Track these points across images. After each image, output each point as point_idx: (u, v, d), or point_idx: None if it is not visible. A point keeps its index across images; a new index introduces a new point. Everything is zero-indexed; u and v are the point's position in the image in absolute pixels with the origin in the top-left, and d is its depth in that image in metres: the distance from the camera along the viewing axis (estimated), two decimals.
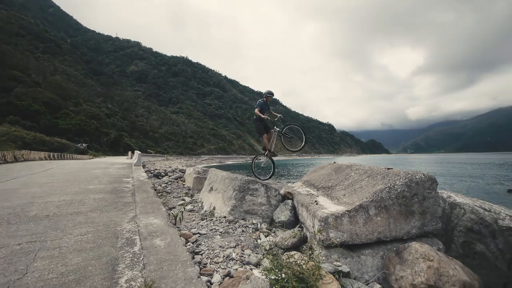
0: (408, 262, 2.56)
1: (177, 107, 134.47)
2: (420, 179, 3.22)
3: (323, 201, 3.84)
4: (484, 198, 4.30)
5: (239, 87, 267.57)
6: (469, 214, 3.24)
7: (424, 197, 3.18)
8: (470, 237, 3.17)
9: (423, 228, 3.13)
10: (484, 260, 3.04)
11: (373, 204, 3.11)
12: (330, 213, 3.11)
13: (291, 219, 4.26)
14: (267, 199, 4.83)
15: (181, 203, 6.26)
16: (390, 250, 2.97)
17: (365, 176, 4.04)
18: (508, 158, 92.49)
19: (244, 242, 3.51)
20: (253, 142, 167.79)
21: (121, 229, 3.21)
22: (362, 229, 3.05)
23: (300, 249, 3.30)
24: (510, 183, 18.73)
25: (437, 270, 2.35)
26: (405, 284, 2.40)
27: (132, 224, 3.39)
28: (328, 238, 2.95)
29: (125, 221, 3.54)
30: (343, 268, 2.54)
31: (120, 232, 3.08)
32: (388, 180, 3.38)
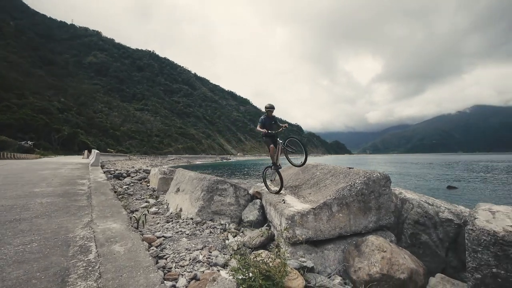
0: (366, 254, 2.77)
1: (142, 104, 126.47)
2: (377, 177, 3.51)
3: (290, 199, 3.96)
4: (428, 193, 4.85)
5: (209, 86, 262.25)
6: (416, 208, 3.63)
7: (380, 194, 3.47)
8: (416, 228, 3.56)
9: (378, 222, 3.42)
10: (427, 249, 3.44)
11: (335, 202, 3.30)
12: (297, 211, 3.22)
13: (260, 218, 4.30)
14: (236, 199, 4.81)
15: (145, 205, 5.91)
16: (350, 244, 3.19)
17: (329, 175, 4.27)
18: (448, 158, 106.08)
19: (212, 243, 3.45)
20: (223, 141, 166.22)
21: (74, 236, 2.91)
22: (325, 225, 3.21)
23: (267, 248, 3.35)
24: (449, 180, 21.47)
25: (389, 260, 2.58)
26: (362, 274, 2.59)
27: (87, 230, 3.10)
28: (294, 235, 3.05)
29: (78, 227, 3.21)
30: (308, 263, 2.64)
31: (73, 240, 2.79)
32: (349, 179, 3.62)
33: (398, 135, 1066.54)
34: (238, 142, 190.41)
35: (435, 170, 35.45)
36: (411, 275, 2.46)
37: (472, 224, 2.04)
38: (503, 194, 15.00)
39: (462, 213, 3.45)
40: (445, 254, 3.35)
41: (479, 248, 1.92)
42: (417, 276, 2.49)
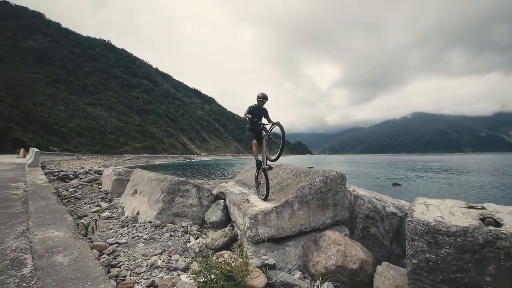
0: (323, 248, 2.95)
1: (94, 98, 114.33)
2: (334, 176, 3.76)
3: (254, 199, 4.00)
4: (377, 190, 5.38)
5: (172, 82, 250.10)
6: (367, 204, 3.99)
7: (337, 191, 3.73)
8: (367, 222, 3.91)
9: (335, 218, 3.67)
10: (376, 240, 3.81)
11: (297, 200, 3.44)
12: (260, 210, 3.27)
13: (223, 219, 4.26)
14: (198, 200, 4.68)
15: (96, 209, 5.37)
16: (310, 239, 3.36)
17: (291, 175, 4.43)
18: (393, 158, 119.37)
19: (172, 247, 3.29)
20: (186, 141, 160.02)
21: (3, 248, 2.49)
22: (287, 223, 3.33)
23: (230, 248, 3.34)
24: (394, 178, 24.15)
25: (344, 252, 2.79)
26: (320, 267, 2.76)
27: (22, 241, 2.68)
28: (257, 234, 3.10)
29: (10, 237, 2.76)
30: (269, 261, 2.70)
31: (2, 253, 2.39)
32: (310, 178, 3.81)
33: (353, 137, 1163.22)
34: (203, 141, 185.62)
35: (383, 169, 39.55)
36: (362, 265, 2.70)
37: (410, 216, 2.32)
38: (435, 189, 17.46)
39: (404, 207, 3.91)
40: (390, 244, 3.76)
41: (416, 237, 2.19)
42: (366, 265, 2.74)
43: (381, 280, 2.56)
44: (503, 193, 16.04)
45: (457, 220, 2.15)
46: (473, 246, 1.94)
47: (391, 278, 2.54)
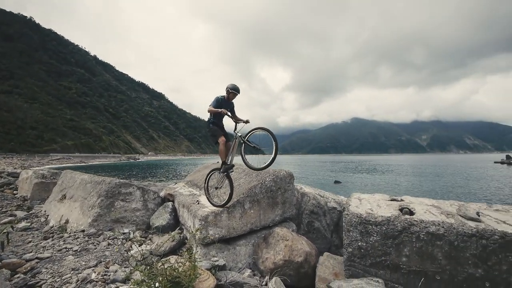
0: (272, 244, 3.06)
1: (8, 85, 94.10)
2: (283, 175, 3.95)
3: (205, 200, 3.90)
4: (320, 187, 5.86)
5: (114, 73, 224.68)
6: (312, 201, 4.32)
7: (285, 189, 3.92)
8: (312, 217, 4.23)
9: (283, 215, 3.85)
10: (319, 233, 4.16)
11: (248, 199, 3.49)
12: (211, 211, 3.20)
13: (171, 222, 4.03)
14: (143, 204, 4.32)
15: (8, 220, 4.44)
16: (260, 237, 3.45)
17: (243, 174, 4.47)
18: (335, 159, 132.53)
19: (110, 257, 2.95)
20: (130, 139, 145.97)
21: None
22: (238, 222, 3.35)
23: (178, 253, 3.18)
24: (336, 176, 26.78)
25: (291, 247, 2.95)
26: (268, 263, 2.85)
27: None
28: (208, 236, 3.03)
29: None
30: (219, 262, 2.68)
31: None
32: (261, 177, 3.91)
33: (302, 138, 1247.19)
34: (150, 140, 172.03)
35: (326, 168, 43.48)
36: (306, 257, 2.91)
37: (347, 210, 2.61)
38: (368, 184, 20.05)
39: (342, 202, 4.37)
40: (330, 236, 4.15)
41: (351, 228, 2.48)
42: (310, 257, 2.96)
43: (322, 269, 2.80)
44: (416, 186, 19.46)
45: (382, 212, 2.51)
46: (394, 233, 2.28)
47: (331, 266, 2.81)
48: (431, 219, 2.24)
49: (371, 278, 2.26)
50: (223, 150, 3.58)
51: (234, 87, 3.76)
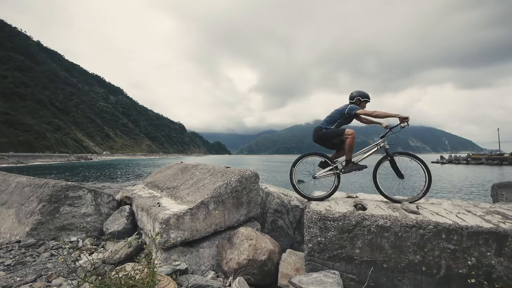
0: (236, 245, 3.05)
1: None
2: (249, 175, 3.97)
3: (167, 202, 3.72)
4: (285, 186, 6.05)
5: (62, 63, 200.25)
6: (276, 199, 4.43)
7: (250, 189, 3.95)
8: (275, 216, 4.34)
9: (248, 215, 3.88)
10: (282, 231, 4.29)
11: (213, 200, 3.43)
12: (173, 213, 3.06)
13: (128, 227, 3.75)
14: (95, 208, 3.93)
15: None
16: (224, 238, 3.41)
17: (208, 175, 4.38)
18: None
19: (53, 270, 2.62)
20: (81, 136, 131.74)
21: None
22: (202, 224, 3.26)
23: (135, 259, 2.97)
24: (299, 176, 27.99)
25: (255, 246, 2.98)
26: (232, 264, 2.84)
27: None
28: (169, 239, 2.89)
29: None
30: (181, 266, 2.57)
31: None
32: (226, 177, 3.88)
33: (268, 139, 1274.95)
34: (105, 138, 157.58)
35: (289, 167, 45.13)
36: (270, 255, 2.97)
37: (308, 207, 2.74)
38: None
39: (304, 200, 4.57)
40: (293, 233, 4.31)
41: (311, 225, 2.61)
42: (273, 255, 3.04)
43: (284, 265, 2.89)
44: (369, 184, 21.39)
45: (339, 208, 2.69)
46: (349, 227, 2.47)
47: (293, 262, 2.92)
48: (380, 213, 2.48)
49: (329, 271, 2.41)
50: (352, 146, 3.27)
51: (367, 95, 3.50)
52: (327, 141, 3.52)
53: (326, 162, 3.51)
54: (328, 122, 3.52)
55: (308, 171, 3.63)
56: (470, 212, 2.63)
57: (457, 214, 2.54)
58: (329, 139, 3.48)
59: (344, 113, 3.42)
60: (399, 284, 2.34)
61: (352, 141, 3.27)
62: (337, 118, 3.48)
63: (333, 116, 3.51)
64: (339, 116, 3.46)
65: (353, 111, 3.33)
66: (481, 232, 2.15)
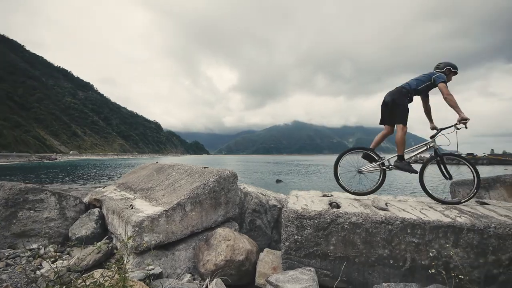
0: (214, 246, 3.01)
1: None
2: (227, 175, 3.94)
3: (141, 204, 3.56)
4: (263, 186, 6.10)
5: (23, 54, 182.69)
6: (254, 199, 4.45)
7: (229, 189, 3.92)
8: (254, 216, 4.36)
9: (226, 215, 3.85)
10: (260, 230, 4.31)
11: (189, 201, 3.35)
12: (147, 215, 2.94)
13: (97, 231, 3.53)
14: (60, 212, 3.65)
15: None
16: (201, 239, 3.35)
17: (185, 175, 4.27)
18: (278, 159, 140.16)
19: (10, 281, 2.38)
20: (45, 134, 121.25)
21: None
22: (178, 226, 3.17)
23: (105, 265, 2.80)
24: (278, 175, 28.32)
25: (232, 246, 2.97)
26: (209, 265, 2.80)
27: None
28: (142, 243, 2.77)
29: None
30: (155, 270, 2.48)
31: None
32: (204, 178, 3.81)
33: (247, 139, 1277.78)
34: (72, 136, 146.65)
35: (269, 167, 45.55)
36: (248, 255, 2.98)
37: (285, 207, 2.79)
38: (306, 182, 21.91)
39: (282, 199, 4.64)
40: (271, 232, 4.36)
41: (289, 223, 2.66)
42: (251, 255, 3.04)
43: (262, 265, 2.91)
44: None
45: (315, 206, 2.77)
46: (324, 225, 2.56)
47: (270, 261, 2.95)
48: (353, 211, 2.60)
49: (305, 268, 2.47)
50: (404, 140, 3.02)
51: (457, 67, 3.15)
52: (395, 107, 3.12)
53: (371, 156, 3.33)
54: (411, 84, 3.20)
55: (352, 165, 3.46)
56: (432, 208, 2.85)
57: (420, 210, 2.74)
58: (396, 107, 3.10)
59: (431, 78, 3.12)
60: (369, 277, 2.48)
61: (404, 135, 3.08)
62: (424, 81, 3.16)
63: (419, 79, 3.20)
64: (426, 80, 3.16)
65: (438, 80, 3.04)
66: (441, 226, 2.35)
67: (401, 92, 3.12)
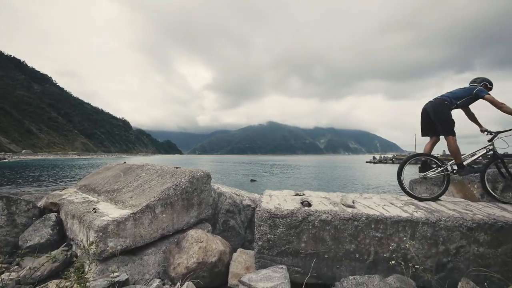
0: (185, 248, 2.93)
1: None
2: (200, 175, 3.85)
3: (105, 207, 3.33)
4: (237, 186, 6.09)
5: None
6: (228, 200, 4.41)
7: (202, 190, 3.84)
8: (227, 216, 4.33)
9: (199, 217, 3.76)
10: (234, 231, 4.29)
11: (160, 203, 3.21)
12: (112, 219, 2.75)
13: (54, 238, 3.22)
14: (8, 218, 3.26)
15: None
16: (172, 242, 3.23)
17: (156, 176, 4.09)
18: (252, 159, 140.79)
19: None
20: None
21: None
22: (147, 229, 3.02)
23: (62, 275, 2.56)
24: (252, 175, 28.45)
25: (205, 248, 2.91)
26: (180, 269, 2.71)
27: None
28: (106, 248, 2.58)
29: None
30: (121, 277, 2.33)
31: None
32: (176, 178, 3.68)
33: (222, 139, 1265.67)
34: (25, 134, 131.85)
35: (244, 167, 45.57)
36: (220, 256, 2.94)
37: (259, 206, 2.82)
38: (279, 181, 22.32)
39: (256, 199, 4.67)
40: (244, 232, 4.36)
41: (262, 223, 2.68)
42: (224, 255, 3.01)
43: (235, 265, 2.90)
44: (315, 181, 23.17)
45: (288, 205, 2.84)
46: (296, 223, 2.63)
47: (243, 261, 2.95)
48: (323, 209, 2.71)
49: (277, 266, 2.51)
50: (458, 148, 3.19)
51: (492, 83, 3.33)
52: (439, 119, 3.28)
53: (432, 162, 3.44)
54: (453, 97, 3.31)
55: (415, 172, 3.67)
56: (393, 204, 3.09)
57: (383, 206, 2.96)
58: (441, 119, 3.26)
59: (472, 93, 3.24)
60: (337, 271, 2.60)
61: (456, 144, 3.22)
62: (464, 95, 3.29)
63: (458, 93, 3.33)
64: (466, 95, 3.28)
65: (482, 93, 3.18)
66: (400, 221, 2.55)
67: (444, 105, 3.27)
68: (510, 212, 2.79)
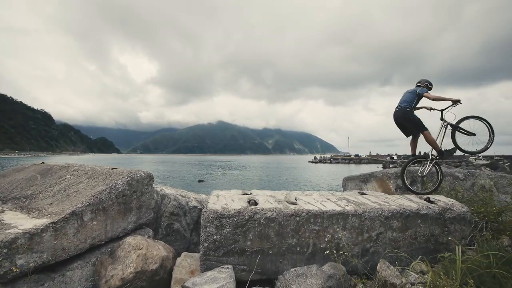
0: (121, 258, 2.63)
1: None
2: (141, 176, 3.53)
3: (13, 217, 2.73)
4: (184, 187, 5.81)
5: None
6: (172, 202, 4.17)
7: (142, 192, 3.52)
8: (171, 219, 4.09)
9: (138, 221, 3.44)
10: (178, 234, 4.08)
11: (89, 208, 2.81)
12: (22, 231, 2.27)
13: None
14: None
15: None
16: (104, 252, 2.87)
17: (85, 178, 3.56)
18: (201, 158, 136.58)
19: None
20: None
21: None
22: (72, 240, 2.60)
23: None
24: (200, 175, 27.59)
25: (145, 255, 2.68)
26: (114, 281, 2.43)
27: None
28: (12, 268, 2.12)
29: None
30: None
31: None
32: (110, 181, 3.28)
33: (167, 137, 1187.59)
34: None
35: (191, 168, 43.83)
36: (162, 263, 2.75)
37: (205, 207, 2.75)
38: (228, 181, 22.26)
39: (203, 200, 4.55)
40: (190, 235, 4.19)
41: (208, 224, 2.63)
42: (167, 261, 2.83)
43: (178, 270, 2.76)
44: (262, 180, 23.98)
45: (235, 205, 2.85)
46: (242, 222, 2.66)
47: (187, 265, 2.83)
48: (268, 207, 2.82)
49: (222, 267, 2.50)
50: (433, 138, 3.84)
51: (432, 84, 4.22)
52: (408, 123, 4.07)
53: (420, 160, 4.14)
54: (408, 102, 4.09)
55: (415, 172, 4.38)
56: (329, 199, 3.44)
57: (321, 202, 3.26)
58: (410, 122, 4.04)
59: (416, 93, 4.08)
60: (280, 265, 2.75)
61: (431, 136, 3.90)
62: (413, 97, 4.10)
63: (410, 98, 4.12)
64: (414, 96, 4.10)
65: (422, 92, 4.02)
66: (334, 214, 2.86)
67: (406, 111, 4.08)
68: (415, 203, 3.45)
